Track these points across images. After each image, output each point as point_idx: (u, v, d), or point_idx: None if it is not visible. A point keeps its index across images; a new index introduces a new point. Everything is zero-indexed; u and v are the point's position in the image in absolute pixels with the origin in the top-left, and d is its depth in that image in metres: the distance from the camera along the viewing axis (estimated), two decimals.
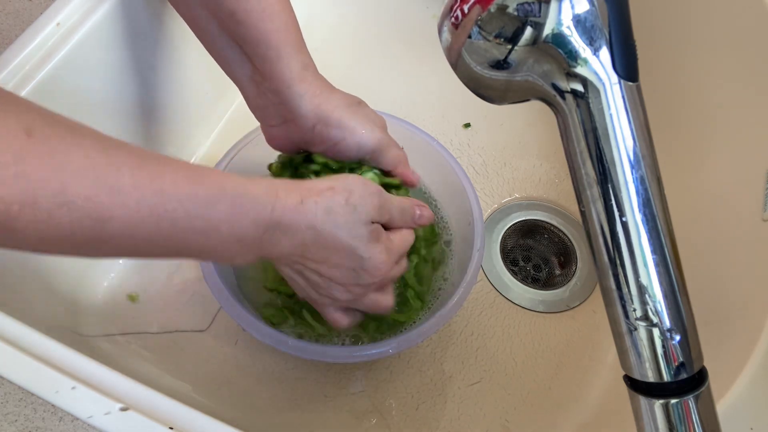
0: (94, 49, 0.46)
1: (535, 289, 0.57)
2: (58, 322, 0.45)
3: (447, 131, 0.67)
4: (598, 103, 0.23)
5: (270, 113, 0.43)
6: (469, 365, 0.52)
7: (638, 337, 0.25)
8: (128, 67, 0.50)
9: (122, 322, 0.50)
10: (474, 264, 0.46)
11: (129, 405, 0.31)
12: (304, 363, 0.51)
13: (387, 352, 0.42)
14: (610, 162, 0.23)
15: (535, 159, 0.65)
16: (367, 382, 0.50)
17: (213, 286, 0.43)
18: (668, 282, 0.24)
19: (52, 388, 0.31)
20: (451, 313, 0.43)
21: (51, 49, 0.43)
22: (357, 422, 0.48)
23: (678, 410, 0.25)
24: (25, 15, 0.58)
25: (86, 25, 0.45)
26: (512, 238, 0.61)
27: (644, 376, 0.25)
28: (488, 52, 0.24)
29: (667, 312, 0.24)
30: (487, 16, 0.23)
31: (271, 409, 0.49)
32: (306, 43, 0.42)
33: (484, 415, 0.50)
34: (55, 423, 0.31)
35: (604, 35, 0.22)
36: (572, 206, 0.62)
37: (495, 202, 0.62)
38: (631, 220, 0.24)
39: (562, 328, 0.55)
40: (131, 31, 0.49)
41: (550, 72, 0.23)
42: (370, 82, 0.70)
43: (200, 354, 0.50)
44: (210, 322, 0.52)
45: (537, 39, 0.23)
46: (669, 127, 0.53)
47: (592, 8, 0.22)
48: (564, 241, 0.60)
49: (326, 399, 0.49)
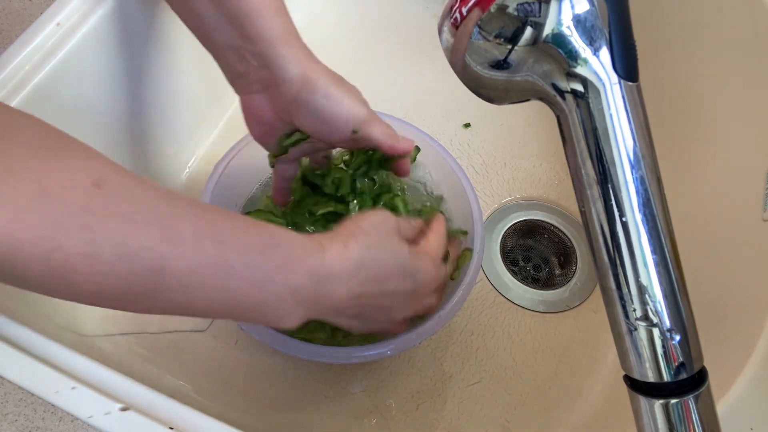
0: (94, 49, 0.46)
1: (535, 289, 0.57)
2: (58, 322, 0.45)
3: (447, 131, 0.67)
4: (598, 103, 0.23)
5: (251, 79, 0.41)
6: (469, 365, 0.52)
7: (638, 337, 0.25)
8: (128, 67, 0.50)
9: (122, 322, 0.50)
10: (474, 265, 0.46)
11: (129, 405, 0.31)
12: (304, 363, 0.51)
13: (385, 353, 0.42)
14: (610, 162, 0.23)
15: (535, 159, 0.65)
16: (368, 382, 0.50)
17: None
18: (668, 282, 0.24)
19: (52, 388, 0.31)
20: (450, 315, 0.43)
21: (51, 49, 0.43)
22: (357, 422, 0.48)
23: (678, 410, 0.25)
24: (25, 15, 0.58)
25: (86, 25, 0.45)
26: (512, 238, 0.61)
27: (644, 376, 0.25)
28: (488, 52, 0.24)
29: (667, 312, 0.24)
30: (487, 16, 0.23)
31: (271, 409, 0.49)
32: (304, 41, 0.41)
33: (484, 415, 0.50)
34: (55, 423, 0.31)
35: (604, 35, 0.22)
36: (572, 206, 0.62)
37: (495, 202, 0.62)
38: (631, 220, 0.24)
39: (562, 328, 0.55)
40: (131, 31, 0.49)
41: (550, 72, 0.23)
42: (370, 82, 0.70)
43: (200, 354, 0.50)
44: (210, 322, 0.52)
45: (537, 39, 0.23)
46: (669, 127, 0.53)
47: (592, 8, 0.22)
48: (564, 241, 0.60)
49: (326, 399, 0.49)
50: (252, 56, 0.39)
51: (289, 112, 0.41)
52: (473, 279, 0.45)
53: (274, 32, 0.39)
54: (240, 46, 0.39)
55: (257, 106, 0.42)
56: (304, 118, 0.41)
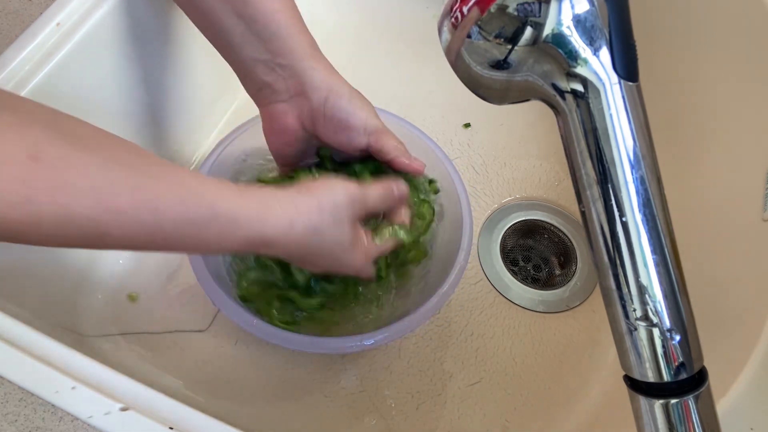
0: (94, 49, 0.46)
1: (535, 289, 0.57)
2: (58, 322, 0.45)
3: (447, 131, 0.67)
4: (598, 103, 0.23)
5: (279, 88, 0.43)
6: (469, 365, 0.52)
7: (638, 337, 0.25)
8: (128, 67, 0.50)
9: (122, 322, 0.50)
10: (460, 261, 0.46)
11: (129, 405, 0.31)
12: (303, 363, 0.51)
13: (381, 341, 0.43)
14: (610, 162, 0.23)
15: (535, 159, 0.65)
16: (368, 382, 0.51)
17: (208, 289, 0.43)
18: (668, 282, 0.24)
19: (52, 388, 0.31)
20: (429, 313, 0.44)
21: (51, 49, 0.43)
22: (357, 422, 0.48)
23: (678, 410, 0.25)
24: (25, 15, 0.58)
25: (86, 25, 0.45)
26: (512, 238, 0.61)
27: (644, 376, 0.25)
28: (488, 52, 0.24)
29: (667, 312, 0.24)
30: (487, 16, 0.23)
31: (271, 409, 0.49)
32: None
33: (484, 415, 0.50)
34: (55, 423, 0.31)
35: (604, 35, 0.22)
36: (572, 206, 0.62)
37: (495, 202, 0.62)
38: (631, 220, 0.24)
39: (562, 328, 0.55)
40: (131, 31, 0.49)
41: (550, 72, 0.23)
42: (371, 82, 0.70)
43: (200, 354, 0.50)
44: (210, 322, 0.52)
45: (537, 39, 0.23)
46: (669, 127, 0.53)
47: (592, 8, 0.22)
48: (564, 241, 0.60)
49: (326, 399, 0.49)
50: (280, 68, 0.42)
51: (314, 119, 0.43)
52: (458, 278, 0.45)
53: (303, 48, 0.42)
54: (269, 59, 0.42)
55: (281, 115, 0.44)
56: (329, 123, 0.43)
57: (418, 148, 0.53)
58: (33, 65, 0.42)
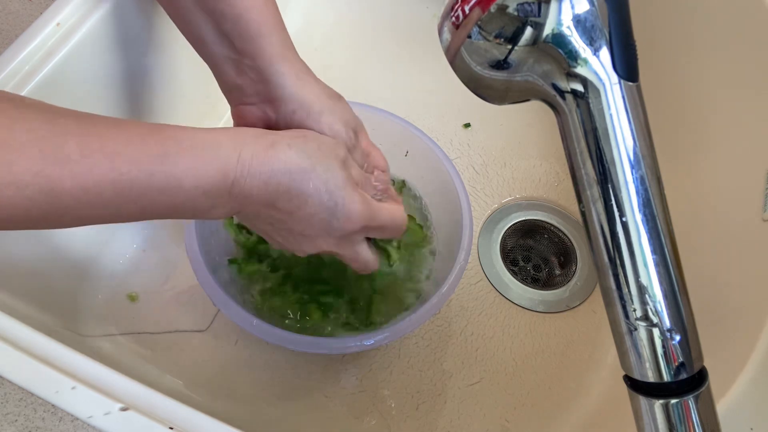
0: (94, 49, 0.46)
1: (535, 289, 0.57)
2: (58, 322, 0.45)
3: (447, 131, 0.67)
4: (598, 103, 0.23)
5: (248, 92, 0.40)
6: (469, 365, 0.52)
7: (638, 337, 0.25)
8: (128, 68, 0.50)
9: (122, 322, 0.50)
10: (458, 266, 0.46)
11: (129, 405, 0.31)
12: (303, 363, 0.51)
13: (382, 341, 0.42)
14: (610, 162, 0.23)
15: (534, 159, 0.65)
16: (368, 382, 0.51)
17: (207, 288, 0.43)
18: (668, 282, 0.24)
19: (52, 388, 0.31)
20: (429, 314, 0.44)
21: (51, 49, 0.43)
22: (357, 422, 0.48)
23: (678, 410, 0.25)
24: (25, 15, 0.58)
25: (86, 25, 0.45)
26: (512, 238, 0.61)
27: (644, 376, 0.25)
28: (488, 52, 0.24)
29: (667, 312, 0.24)
30: (487, 16, 0.23)
31: (271, 410, 0.49)
32: (303, 40, 0.41)
33: (484, 415, 0.50)
34: (55, 423, 0.31)
35: (604, 35, 0.22)
36: (572, 206, 0.62)
37: (495, 202, 0.62)
38: (631, 220, 0.24)
39: (562, 328, 0.55)
40: (131, 31, 0.49)
41: (550, 72, 0.23)
42: (370, 82, 0.70)
43: (200, 354, 0.50)
44: (210, 322, 0.52)
45: (537, 39, 0.23)
46: (669, 127, 0.53)
47: (592, 8, 0.22)
48: (564, 241, 0.60)
49: (326, 399, 0.49)
50: (249, 69, 0.39)
51: (281, 129, 0.41)
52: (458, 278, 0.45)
53: (274, 49, 0.38)
54: (238, 60, 0.39)
55: (250, 117, 0.42)
56: None
57: (418, 148, 0.53)
58: (33, 65, 0.42)
